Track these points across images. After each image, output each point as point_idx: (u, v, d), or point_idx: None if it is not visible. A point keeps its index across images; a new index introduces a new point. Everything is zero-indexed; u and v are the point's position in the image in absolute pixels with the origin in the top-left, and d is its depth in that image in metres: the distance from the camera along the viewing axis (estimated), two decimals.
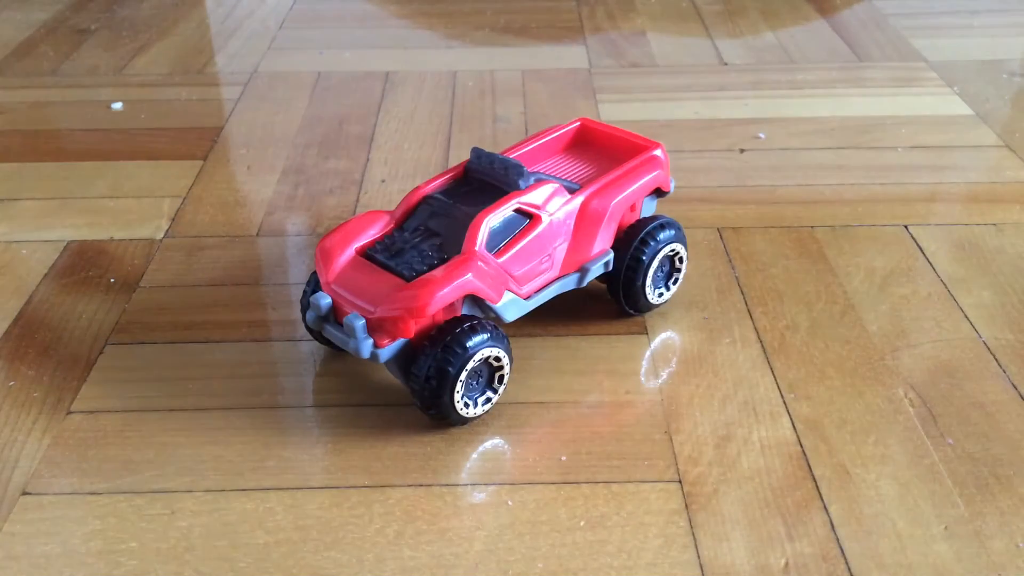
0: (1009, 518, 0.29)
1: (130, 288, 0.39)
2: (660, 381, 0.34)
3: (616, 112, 0.54)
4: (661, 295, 0.37)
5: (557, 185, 0.34)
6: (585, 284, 0.35)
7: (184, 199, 0.46)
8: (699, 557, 0.27)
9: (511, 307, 0.33)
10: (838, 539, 0.28)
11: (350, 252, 0.32)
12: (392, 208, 0.35)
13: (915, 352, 0.35)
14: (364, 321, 0.30)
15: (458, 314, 0.32)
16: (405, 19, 0.68)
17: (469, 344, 0.30)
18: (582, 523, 0.28)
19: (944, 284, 0.39)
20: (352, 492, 0.30)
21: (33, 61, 0.60)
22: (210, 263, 0.41)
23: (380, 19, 0.69)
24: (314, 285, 0.33)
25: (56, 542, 0.28)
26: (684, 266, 0.37)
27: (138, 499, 0.29)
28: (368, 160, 0.49)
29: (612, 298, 0.37)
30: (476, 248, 0.31)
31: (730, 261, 0.41)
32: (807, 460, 0.31)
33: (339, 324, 0.31)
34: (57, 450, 0.31)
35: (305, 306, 0.34)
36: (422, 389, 0.30)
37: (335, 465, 0.31)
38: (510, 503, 0.29)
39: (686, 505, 0.29)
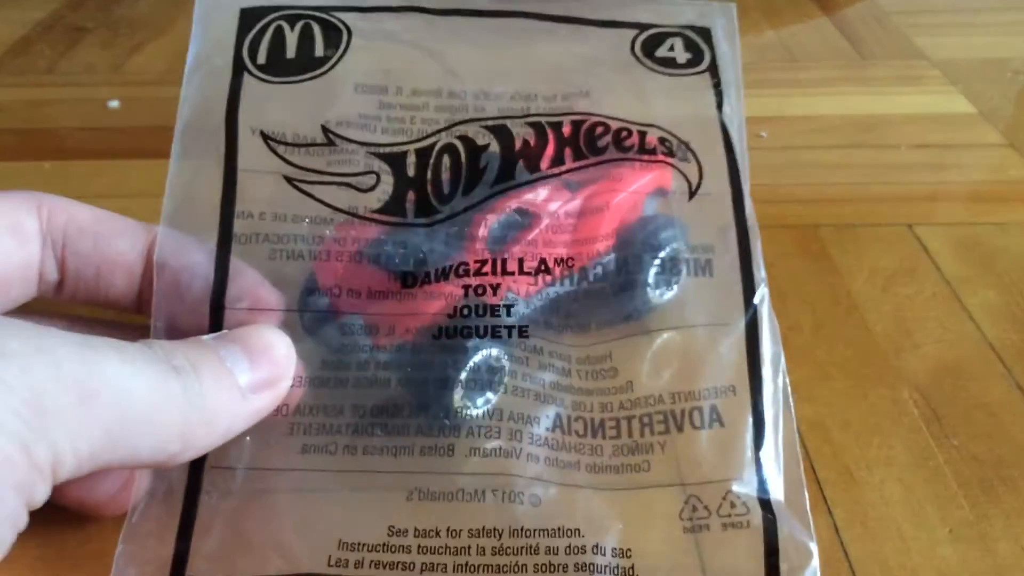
0: (1014, 520, 0.28)
1: None
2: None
3: None
4: (663, 296, 0.36)
5: (558, 184, 0.34)
6: (586, 284, 0.35)
7: None
8: (700, 558, 0.27)
9: (511, 307, 0.32)
10: (842, 542, 0.28)
11: (349, 252, 0.32)
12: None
13: (919, 352, 0.35)
14: (363, 322, 0.30)
15: (458, 314, 0.31)
16: None
17: (469, 345, 0.30)
18: None
19: (948, 284, 0.39)
20: None
21: (29, 59, 0.60)
22: None
23: None
24: (312, 286, 0.33)
25: (54, 544, 0.28)
26: (686, 266, 0.37)
27: None
28: None
29: (613, 299, 0.36)
30: (477, 248, 0.31)
31: None
32: (811, 462, 0.30)
33: (338, 325, 0.31)
34: None
35: (303, 307, 0.33)
36: (421, 390, 0.30)
37: None
38: None
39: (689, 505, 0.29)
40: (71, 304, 0.28)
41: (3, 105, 0.54)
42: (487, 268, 0.32)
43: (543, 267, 0.34)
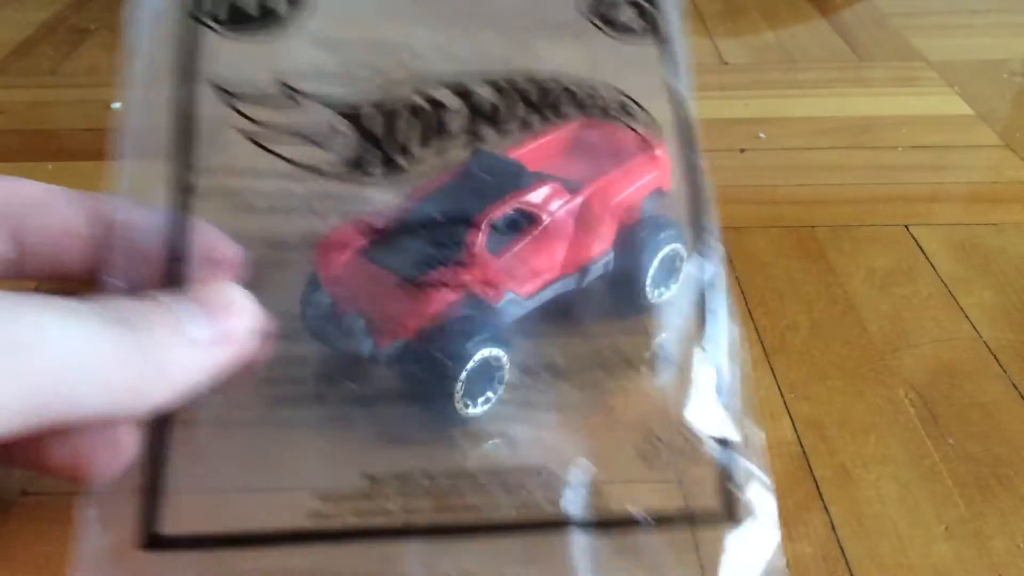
0: (1009, 518, 0.29)
1: None
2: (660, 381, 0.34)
3: None
4: (661, 295, 0.37)
5: (557, 185, 0.34)
6: (585, 284, 0.35)
7: None
8: (699, 557, 0.27)
9: (511, 307, 0.33)
10: (838, 539, 0.28)
11: (350, 251, 0.32)
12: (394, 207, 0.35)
13: (916, 352, 0.35)
14: (364, 321, 0.30)
15: (459, 314, 0.32)
16: None
17: (469, 344, 0.30)
18: None
19: (945, 284, 0.39)
20: None
21: (33, 61, 0.60)
22: None
23: None
24: (314, 284, 0.33)
25: (55, 543, 0.28)
26: (685, 266, 0.37)
27: None
28: None
29: (612, 298, 0.36)
30: (477, 248, 0.31)
31: (730, 261, 0.41)
32: (807, 460, 0.31)
33: (339, 324, 0.31)
34: None
35: (305, 306, 0.33)
36: (422, 389, 0.30)
37: None
38: None
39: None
40: (34, 281, 0.28)
41: (6, 106, 0.55)
42: (488, 268, 0.32)
43: (543, 266, 0.34)
